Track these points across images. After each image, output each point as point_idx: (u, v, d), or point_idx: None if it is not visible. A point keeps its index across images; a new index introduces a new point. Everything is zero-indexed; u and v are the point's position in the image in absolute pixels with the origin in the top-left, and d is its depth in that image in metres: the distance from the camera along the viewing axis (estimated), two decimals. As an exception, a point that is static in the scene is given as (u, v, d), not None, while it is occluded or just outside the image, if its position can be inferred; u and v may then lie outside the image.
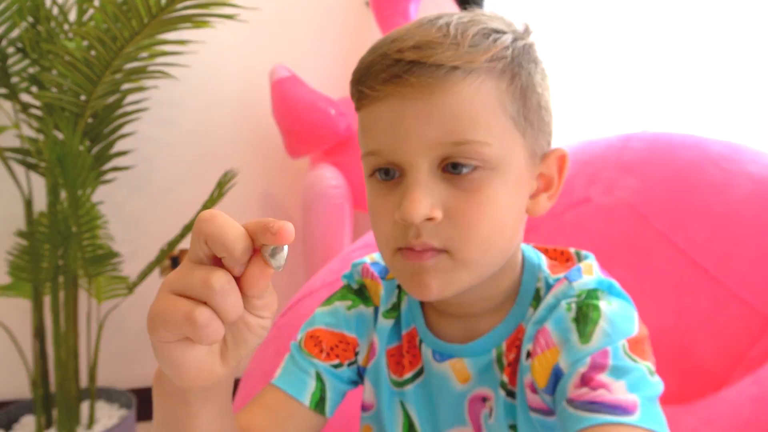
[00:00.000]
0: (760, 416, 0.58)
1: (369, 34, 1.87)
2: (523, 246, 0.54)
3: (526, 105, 0.47)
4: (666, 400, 0.74)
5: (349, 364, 0.58)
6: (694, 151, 0.87)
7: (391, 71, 0.44)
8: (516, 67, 0.46)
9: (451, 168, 0.45)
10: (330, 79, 1.84)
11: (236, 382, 0.78)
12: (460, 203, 0.45)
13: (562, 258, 0.55)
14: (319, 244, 1.60)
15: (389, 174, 0.47)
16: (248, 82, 1.82)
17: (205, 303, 0.33)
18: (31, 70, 1.38)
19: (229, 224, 0.33)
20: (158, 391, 0.40)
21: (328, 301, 0.61)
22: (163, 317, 0.33)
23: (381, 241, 0.49)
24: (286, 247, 0.33)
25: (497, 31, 0.46)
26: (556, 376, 0.44)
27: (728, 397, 0.64)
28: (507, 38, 0.46)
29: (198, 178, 1.77)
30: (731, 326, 0.73)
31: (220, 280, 0.32)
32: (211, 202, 1.42)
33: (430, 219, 0.44)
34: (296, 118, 1.59)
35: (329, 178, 1.60)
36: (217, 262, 0.34)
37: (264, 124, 1.79)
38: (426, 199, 0.44)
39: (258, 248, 0.34)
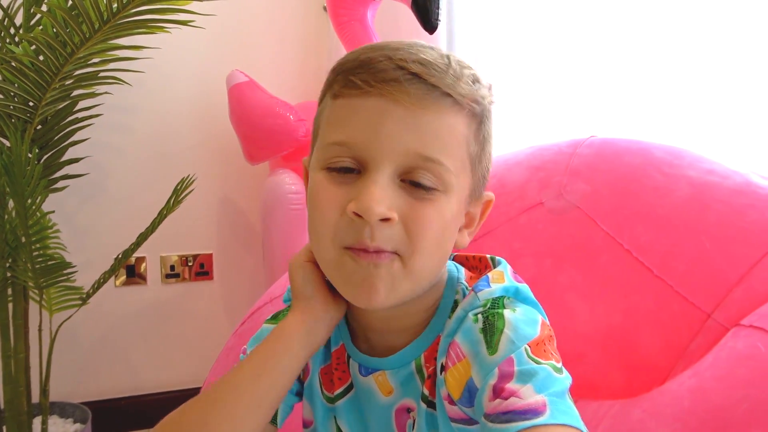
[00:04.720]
0: (698, 405, 0.62)
1: (326, 39, 1.87)
2: None
3: (483, 151, 0.52)
4: (614, 394, 0.78)
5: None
6: (639, 157, 0.92)
7: (391, 74, 0.46)
8: (484, 118, 0.51)
9: (410, 183, 0.47)
10: (288, 83, 1.84)
11: (197, 391, 0.78)
12: (415, 210, 0.47)
13: (481, 265, 0.58)
14: (279, 250, 1.60)
15: (345, 171, 0.48)
16: (205, 87, 1.79)
17: None
18: (-26, 75, 1.33)
19: None
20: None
21: (275, 318, 0.62)
22: None
23: (324, 235, 0.48)
24: None
25: (479, 81, 0.51)
26: (470, 390, 0.46)
27: (670, 389, 0.68)
28: (484, 90, 0.51)
29: (154, 185, 1.74)
30: (673, 322, 0.77)
31: None
32: (167, 209, 1.40)
33: (386, 220, 0.45)
34: (254, 124, 1.58)
35: (288, 183, 1.60)
36: None
37: (222, 129, 1.77)
38: (385, 199, 0.45)
39: None
